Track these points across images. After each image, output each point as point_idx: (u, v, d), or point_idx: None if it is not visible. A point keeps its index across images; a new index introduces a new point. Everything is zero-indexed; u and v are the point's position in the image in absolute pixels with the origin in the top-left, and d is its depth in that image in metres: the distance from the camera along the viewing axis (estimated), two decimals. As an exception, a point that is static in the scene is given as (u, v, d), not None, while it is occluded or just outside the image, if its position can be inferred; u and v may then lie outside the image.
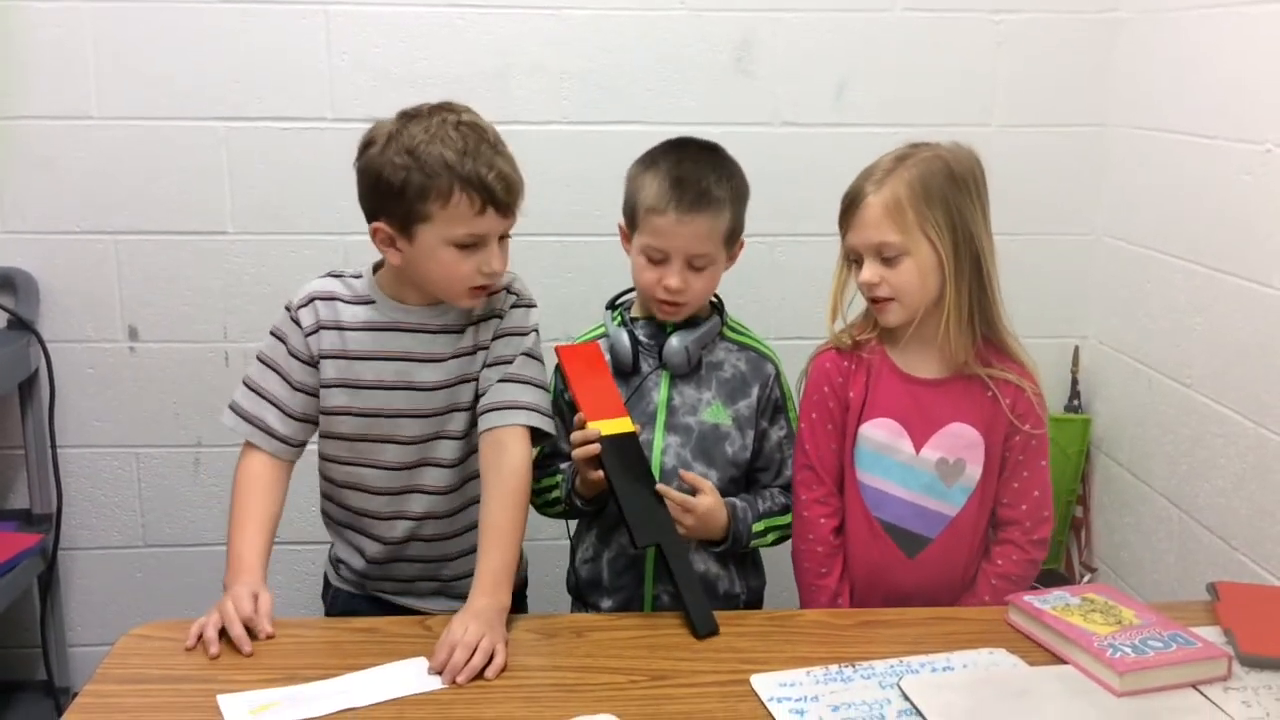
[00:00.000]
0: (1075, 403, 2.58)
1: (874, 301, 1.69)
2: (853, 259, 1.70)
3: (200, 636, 1.46)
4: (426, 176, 1.53)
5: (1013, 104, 2.47)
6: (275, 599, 1.54)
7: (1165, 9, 2.29)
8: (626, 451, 1.65)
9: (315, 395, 1.69)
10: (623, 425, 1.66)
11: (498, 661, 1.41)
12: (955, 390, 1.70)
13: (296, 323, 1.67)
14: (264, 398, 1.68)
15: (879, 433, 1.72)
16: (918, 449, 1.70)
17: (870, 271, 1.66)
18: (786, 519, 1.81)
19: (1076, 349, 2.58)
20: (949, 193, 1.62)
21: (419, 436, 1.69)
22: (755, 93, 2.42)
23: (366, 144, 1.59)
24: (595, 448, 1.63)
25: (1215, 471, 2.10)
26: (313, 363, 1.67)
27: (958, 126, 2.39)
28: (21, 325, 2.33)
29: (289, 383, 1.68)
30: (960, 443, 1.70)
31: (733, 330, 1.87)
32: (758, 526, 1.79)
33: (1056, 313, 2.57)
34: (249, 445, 1.68)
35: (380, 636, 1.52)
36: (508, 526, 1.58)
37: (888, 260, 1.64)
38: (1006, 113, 2.47)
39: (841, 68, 2.42)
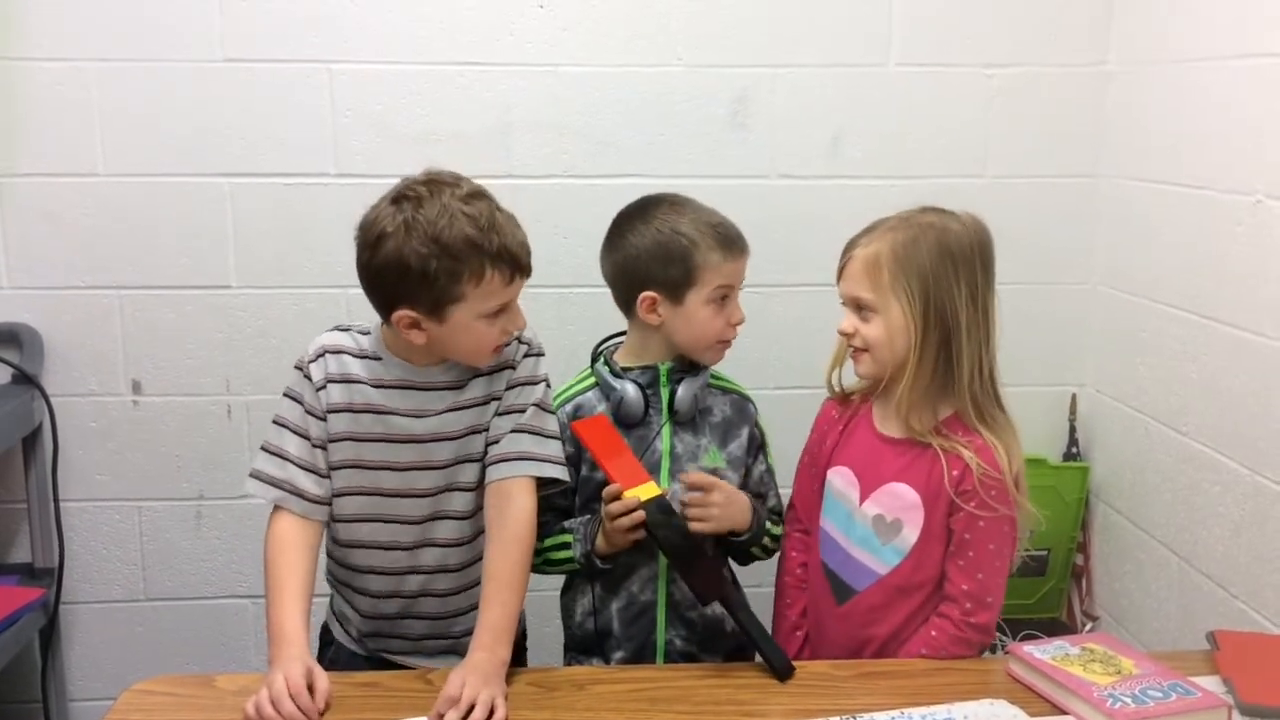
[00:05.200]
0: (1074, 450, 2.59)
1: (852, 350, 1.73)
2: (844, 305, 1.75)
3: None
4: (456, 260, 1.52)
5: (1006, 156, 2.50)
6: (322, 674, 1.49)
7: (1153, 62, 2.33)
8: (667, 515, 1.67)
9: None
10: (651, 490, 1.69)
11: (498, 716, 1.41)
12: (908, 451, 1.69)
13: (309, 378, 1.66)
14: (288, 460, 1.64)
15: (838, 479, 1.77)
16: (861, 501, 1.72)
17: (846, 322, 1.71)
18: (778, 530, 1.90)
19: (1074, 397, 2.60)
20: (930, 262, 1.63)
21: (431, 489, 1.68)
22: (752, 146, 2.46)
23: (379, 237, 1.55)
24: (639, 515, 1.66)
25: (1214, 519, 2.11)
26: (324, 417, 1.66)
27: (952, 178, 2.45)
28: (26, 380, 2.34)
29: (309, 440, 1.65)
30: (899, 503, 1.68)
31: (714, 377, 1.91)
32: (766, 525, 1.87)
33: (1053, 361, 2.59)
34: (278, 509, 1.64)
35: (382, 691, 1.52)
36: (510, 580, 1.59)
37: (863, 314, 1.68)
38: (1000, 164, 2.50)
39: (836, 121, 2.46)
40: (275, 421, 1.67)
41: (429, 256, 1.52)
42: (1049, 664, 1.49)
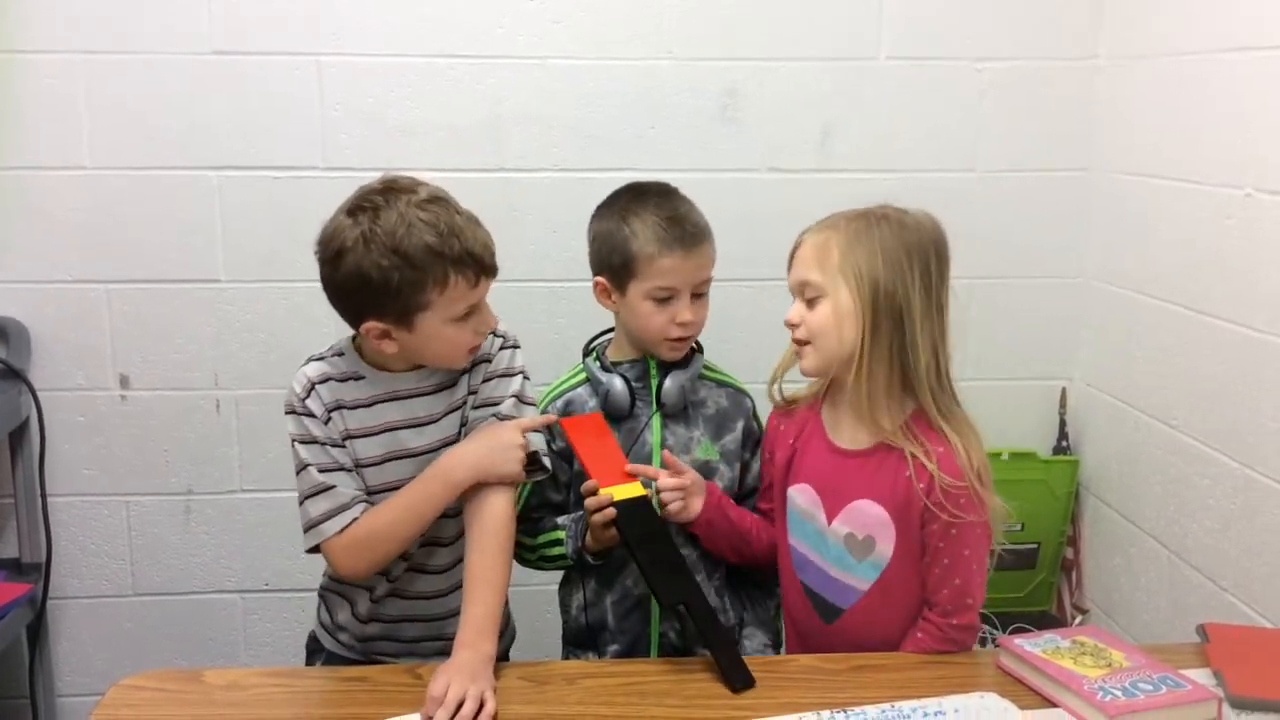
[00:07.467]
0: (1064, 444, 2.59)
1: (796, 344, 1.68)
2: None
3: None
4: (418, 270, 1.50)
5: (997, 149, 2.50)
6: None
7: (1143, 55, 2.33)
8: (641, 515, 1.65)
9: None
10: (634, 490, 1.67)
11: (489, 709, 1.41)
12: (871, 465, 1.64)
13: (310, 414, 1.62)
14: (336, 486, 1.60)
15: (800, 498, 1.72)
16: (829, 520, 1.67)
17: (794, 311, 1.66)
18: None
19: (1064, 390, 2.60)
20: (882, 247, 1.58)
21: None
22: (742, 140, 2.45)
23: (338, 251, 1.53)
24: (610, 512, 1.65)
25: (1204, 512, 2.11)
26: (343, 444, 1.63)
27: (942, 172, 2.44)
28: (13, 374, 2.33)
29: (344, 469, 1.63)
30: (868, 520, 1.64)
31: (708, 369, 1.90)
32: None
33: (1043, 354, 2.59)
34: (350, 525, 1.60)
35: (370, 685, 1.51)
36: (491, 575, 1.58)
37: (810, 301, 1.63)
38: (991, 158, 2.49)
39: (827, 115, 2.45)
40: (303, 470, 1.61)
41: (390, 268, 1.50)
42: (1039, 657, 1.49)
